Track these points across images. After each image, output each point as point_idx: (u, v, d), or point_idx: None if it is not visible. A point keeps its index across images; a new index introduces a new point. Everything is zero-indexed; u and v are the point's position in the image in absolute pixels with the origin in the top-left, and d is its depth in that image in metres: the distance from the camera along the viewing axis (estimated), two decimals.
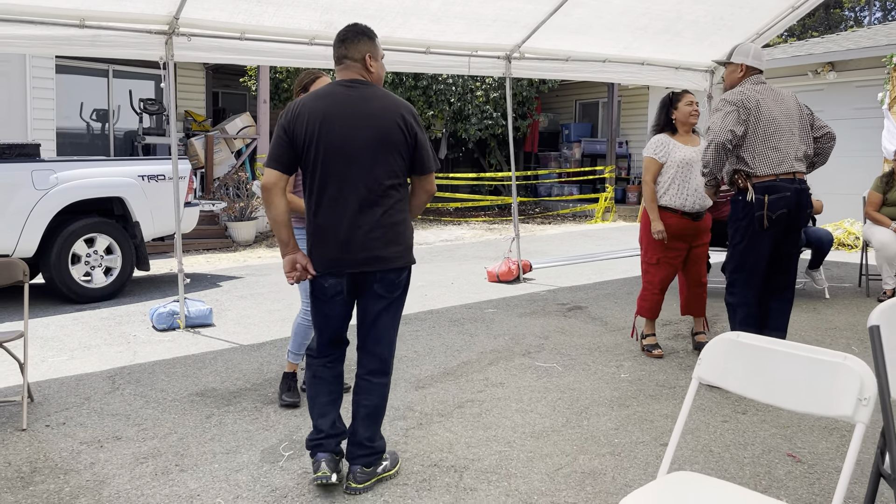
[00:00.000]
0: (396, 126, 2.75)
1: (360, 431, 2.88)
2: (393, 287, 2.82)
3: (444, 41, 6.43)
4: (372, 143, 2.72)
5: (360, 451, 2.87)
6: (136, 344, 5.03)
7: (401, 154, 2.78)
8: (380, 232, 2.75)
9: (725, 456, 3.15)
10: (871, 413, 1.73)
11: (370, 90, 2.79)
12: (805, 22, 31.83)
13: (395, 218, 2.79)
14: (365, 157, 2.71)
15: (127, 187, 6.64)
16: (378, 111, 2.74)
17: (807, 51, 10.78)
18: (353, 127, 2.71)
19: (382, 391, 2.89)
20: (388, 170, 2.75)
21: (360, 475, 2.86)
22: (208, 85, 13.24)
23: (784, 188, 3.95)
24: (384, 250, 2.75)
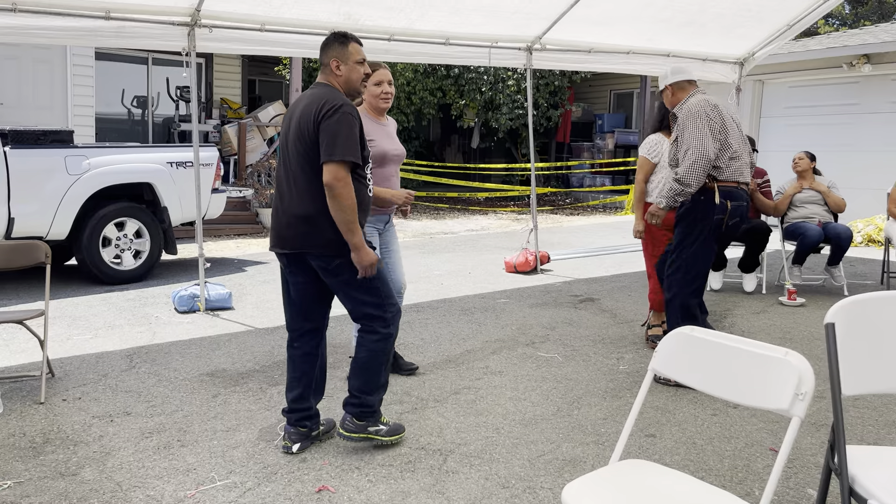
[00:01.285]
0: (308, 118, 2.87)
1: (350, 380, 3.11)
2: (329, 273, 2.97)
3: (463, 32, 6.49)
4: (294, 135, 2.94)
5: (350, 399, 3.10)
6: (157, 325, 5.25)
7: (312, 142, 2.87)
8: (291, 218, 2.95)
9: (707, 448, 3.20)
10: (807, 407, 1.78)
11: (314, 90, 2.98)
12: (858, 11, 30.91)
13: (304, 208, 2.91)
14: (289, 148, 2.97)
15: (156, 173, 6.88)
16: (302, 108, 2.95)
17: (842, 42, 10.54)
18: (290, 121, 3.00)
19: (370, 346, 3.03)
20: (302, 160, 2.91)
21: (348, 423, 3.09)
22: (244, 73, 13.51)
23: (742, 197, 4.06)
24: (303, 238, 2.94)
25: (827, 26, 28.76)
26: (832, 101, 10.53)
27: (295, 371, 3.16)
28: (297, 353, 3.16)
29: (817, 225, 6.22)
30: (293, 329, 3.16)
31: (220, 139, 11.69)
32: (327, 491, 2.81)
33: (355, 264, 2.91)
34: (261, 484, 2.86)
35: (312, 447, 3.19)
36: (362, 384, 3.09)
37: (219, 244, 9.34)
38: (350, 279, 2.97)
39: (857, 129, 10.31)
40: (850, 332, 2.08)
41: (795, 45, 11.24)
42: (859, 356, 2.09)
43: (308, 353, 3.15)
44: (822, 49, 10.48)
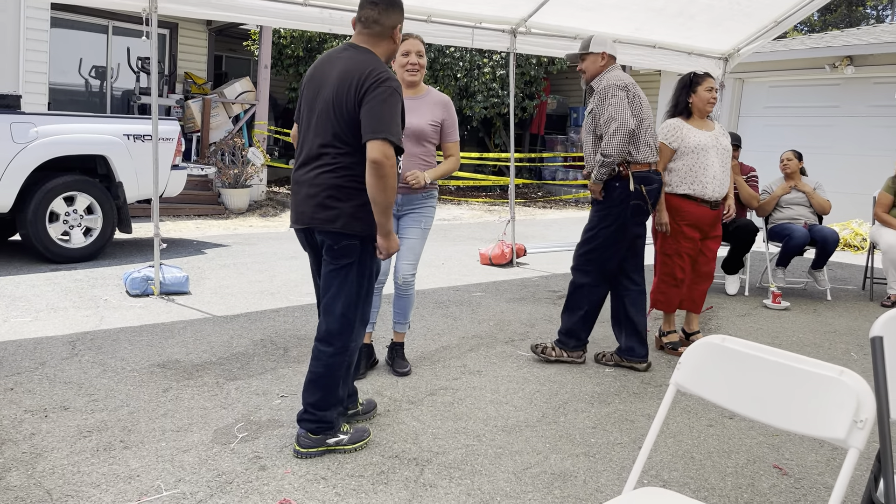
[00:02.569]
0: (347, 85, 2.63)
1: (304, 395, 2.85)
2: (333, 253, 2.74)
3: (446, 10, 6.15)
4: (327, 103, 2.69)
5: (304, 415, 2.84)
6: (106, 309, 4.83)
7: (349, 115, 2.63)
8: (316, 190, 2.71)
9: (707, 464, 2.94)
10: (867, 437, 1.51)
11: (353, 52, 2.72)
12: (826, 18, 31.29)
13: (332, 181, 2.69)
14: (322, 116, 2.71)
15: (111, 146, 6.42)
16: (341, 71, 2.67)
17: (825, 43, 10.44)
18: (321, 87, 2.74)
19: (326, 361, 2.79)
20: (335, 131, 2.67)
21: (303, 439, 2.84)
22: (210, 47, 12.95)
23: (656, 180, 4.00)
24: (316, 211, 2.72)
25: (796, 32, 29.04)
26: (812, 103, 10.43)
27: None
28: None
29: (803, 227, 6.04)
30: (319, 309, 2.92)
31: (182, 114, 11.16)
32: None
33: (380, 247, 2.74)
34: (213, 495, 2.52)
35: (275, 455, 2.85)
36: (318, 400, 2.82)
37: (177, 224, 8.87)
38: (350, 266, 2.74)
39: (836, 132, 10.23)
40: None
41: (777, 45, 11.12)
42: None
43: None
44: (805, 49, 10.37)
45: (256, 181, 10.84)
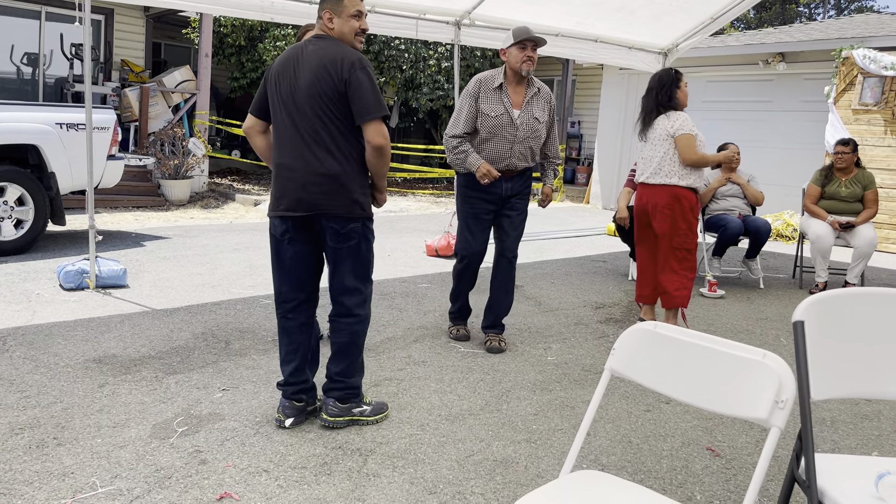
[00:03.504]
0: (326, 73, 2.75)
1: (330, 367, 3.03)
2: (340, 237, 2.86)
3: (390, 1, 6.12)
4: (304, 95, 2.78)
5: (332, 384, 3.02)
6: (38, 303, 4.68)
7: (331, 99, 2.76)
8: (314, 177, 2.81)
9: (644, 448, 3.03)
10: (788, 417, 1.59)
11: (319, 41, 2.83)
12: (762, 16, 32.26)
13: (336, 168, 2.81)
14: (302, 105, 2.79)
15: (43, 135, 6.20)
16: (315, 60, 2.77)
17: (759, 40, 10.77)
18: (296, 77, 2.82)
19: (350, 329, 2.98)
20: (321, 116, 2.78)
21: (332, 408, 3.00)
22: (148, 34, 12.59)
23: None
24: (321, 198, 2.81)
25: (733, 28, 29.86)
26: (746, 97, 10.76)
27: (291, 343, 3.04)
28: (292, 325, 3.03)
29: (738, 217, 6.24)
30: (289, 300, 3.01)
31: (119, 103, 10.84)
32: (230, 498, 2.46)
33: (378, 201, 3.00)
34: (151, 491, 2.48)
35: (216, 449, 2.82)
36: (345, 367, 3.02)
37: (115, 216, 8.63)
38: (357, 246, 2.91)
39: (769, 126, 10.58)
40: (818, 331, 1.91)
41: (714, 41, 11.42)
42: (827, 357, 1.92)
43: (304, 323, 3.04)
44: (740, 46, 10.67)
45: (198, 172, 10.62)
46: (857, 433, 3.31)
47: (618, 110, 12.61)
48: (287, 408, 3.03)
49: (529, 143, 4.04)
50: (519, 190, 4.14)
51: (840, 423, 3.42)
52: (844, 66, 9.16)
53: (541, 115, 4.07)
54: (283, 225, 2.91)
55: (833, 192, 6.22)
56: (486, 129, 3.98)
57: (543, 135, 4.14)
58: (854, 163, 6.23)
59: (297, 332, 3.03)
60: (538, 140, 4.10)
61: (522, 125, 4.01)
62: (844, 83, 9.19)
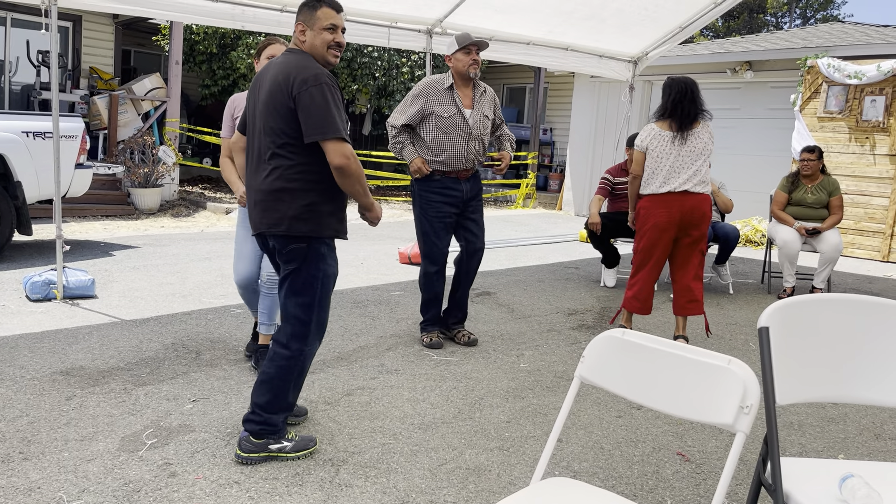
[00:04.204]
0: (278, 88, 2.65)
1: (253, 396, 2.83)
2: (282, 257, 2.74)
3: (361, 9, 6.13)
4: (261, 109, 2.73)
5: (250, 415, 2.81)
6: (4, 314, 4.59)
7: (282, 117, 2.65)
8: (261, 196, 2.74)
9: (616, 453, 3.05)
10: (753, 422, 1.61)
11: (287, 57, 2.73)
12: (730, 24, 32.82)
13: (277, 185, 2.69)
14: (259, 122, 2.75)
15: (8, 143, 6.09)
16: (271, 76, 2.70)
17: (727, 49, 10.95)
18: (259, 93, 2.78)
19: (281, 363, 2.77)
20: (270, 133, 2.69)
21: (244, 443, 2.79)
22: (118, 41, 12.45)
23: None
24: (264, 216, 2.74)
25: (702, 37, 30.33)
26: (715, 105, 10.92)
27: None
28: None
29: None
30: None
31: (88, 111, 10.69)
32: None
33: (369, 220, 2.91)
34: None
35: (186, 461, 2.79)
36: (266, 402, 2.79)
37: (83, 225, 8.50)
38: (299, 270, 2.73)
39: (738, 133, 10.76)
40: (783, 337, 1.95)
41: (683, 49, 11.59)
42: (792, 362, 1.96)
43: None
44: (708, 54, 10.84)
45: (168, 180, 10.50)
46: (823, 436, 3.37)
47: (589, 118, 12.72)
48: None
49: (481, 139, 4.33)
50: (476, 192, 4.41)
51: (807, 426, 3.48)
52: (809, 75, 9.35)
53: (489, 112, 4.37)
54: (258, 242, 2.93)
55: (799, 199, 6.34)
56: (442, 130, 4.17)
57: (489, 131, 4.41)
58: (819, 169, 6.36)
59: None
60: (486, 137, 4.38)
61: (475, 124, 4.25)
62: (810, 91, 9.37)
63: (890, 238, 8.83)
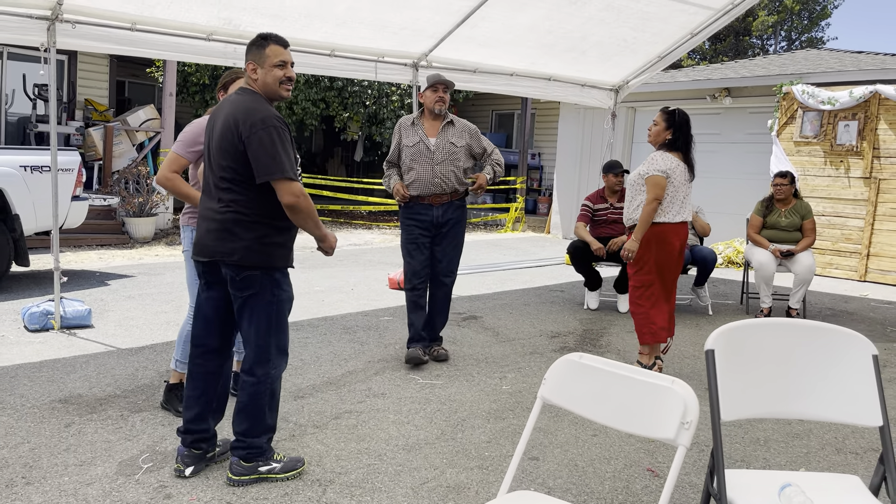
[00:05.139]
0: (229, 130, 2.82)
1: (234, 424, 2.95)
2: (236, 285, 2.86)
3: (349, 45, 6.37)
4: (215, 146, 2.88)
5: (235, 443, 2.95)
6: (3, 345, 4.74)
7: (233, 157, 2.81)
8: (214, 225, 2.86)
9: (589, 470, 3.22)
10: (693, 436, 1.79)
11: (238, 97, 2.88)
12: (717, 47, 33.38)
13: (228, 216, 2.84)
14: (214, 157, 2.89)
15: (6, 177, 6.28)
16: (223, 116, 2.86)
17: (706, 76, 11.27)
18: (212, 130, 2.92)
19: (250, 390, 2.91)
20: (219, 168, 2.85)
21: (236, 467, 2.94)
22: (112, 74, 12.70)
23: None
24: (217, 245, 2.85)
25: (690, 60, 30.86)
26: (696, 130, 11.10)
27: (195, 389, 2.99)
28: (199, 371, 2.99)
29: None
30: (199, 345, 2.99)
31: (83, 142, 10.90)
32: None
33: (324, 251, 3.02)
34: None
35: (180, 483, 2.94)
36: (247, 429, 2.94)
37: (79, 255, 8.66)
38: (256, 296, 2.87)
39: (718, 157, 11.03)
40: (728, 358, 2.14)
41: (665, 77, 11.90)
42: (737, 381, 2.15)
43: (211, 372, 3.00)
44: (688, 81, 11.15)
45: (162, 209, 10.69)
46: (787, 451, 3.54)
47: (575, 143, 13.00)
48: (186, 456, 2.98)
49: (449, 165, 4.63)
50: (449, 217, 4.70)
51: (773, 441, 3.65)
52: (785, 101, 9.64)
53: (457, 140, 4.68)
54: (199, 268, 2.96)
55: (774, 222, 6.56)
56: (409, 157, 4.65)
57: (464, 159, 4.69)
58: (792, 194, 6.59)
59: (202, 379, 2.99)
60: (457, 162, 4.66)
61: (438, 149, 4.63)
62: (786, 117, 9.66)
63: (866, 258, 9.07)
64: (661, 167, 4.47)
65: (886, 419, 2.12)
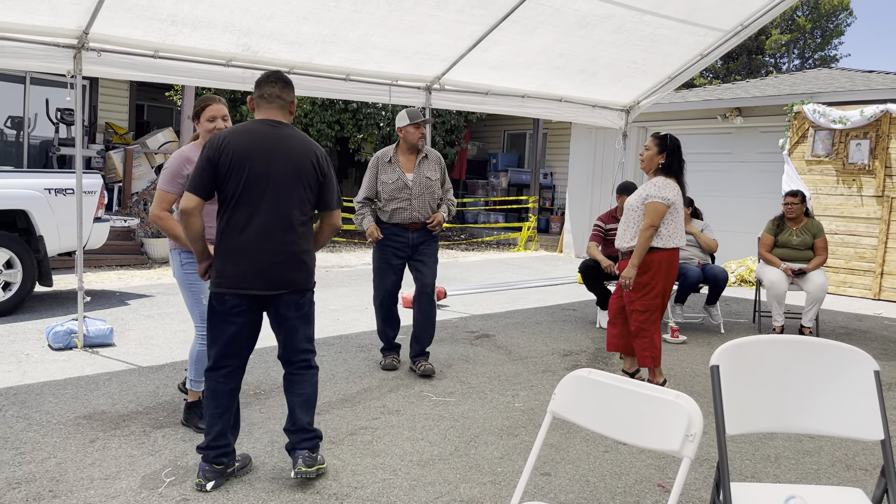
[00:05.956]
0: (310, 163, 3.07)
1: (301, 418, 3.16)
2: (297, 307, 3.13)
3: (364, 70, 6.52)
4: (287, 177, 3.03)
5: (305, 435, 3.17)
6: (28, 363, 4.87)
7: (311, 189, 3.10)
8: (286, 257, 3.05)
9: (600, 486, 3.28)
10: (697, 448, 1.87)
11: (290, 130, 3.11)
12: (729, 66, 33.47)
13: (302, 246, 3.10)
14: (280, 189, 3.01)
15: (32, 200, 6.46)
16: (295, 149, 3.06)
17: (717, 96, 11.35)
18: (272, 162, 3.01)
19: (312, 379, 3.22)
20: (299, 202, 3.07)
21: (308, 459, 3.12)
22: (132, 98, 12.98)
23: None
24: (292, 275, 3.08)
25: (701, 78, 30.95)
26: (708, 150, 11.27)
27: (219, 407, 3.13)
28: (224, 389, 3.14)
29: (697, 266, 6.59)
30: (225, 366, 3.13)
31: (103, 165, 11.13)
32: None
33: None
34: None
35: (201, 497, 3.03)
36: (312, 417, 3.21)
37: (99, 275, 8.83)
38: (310, 312, 3.19)
39: (730, 176, 11.08)
40: (733, 374, 2.21)
41: (676, 97, 12.00)
42: (742, 396, 2.21)
43: (234, 388, 3.17)
44: (699, 101, 11.24)
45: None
46: (798, 468, 3.58)
47: (587, 162, 13.10)
48: (208, 472, 3.08)
49: (426, 197, 4.91)
50: (424, 239, 4.99)
51: (783, 458, 3.69)
52: (796, 120, 9.70)
53: (432, 174, 4.95)
54: (236, 300, 3.01)
55: (785, 241, 6.61)
56: (387, 194, 4.88)
57: (438, 189, 5.00)
58: (803, 213, 6.64)
59: (227, 397, 3.11)
60: (433, 194, 4.96)
61: (416, 185, 4.88)
62: (797, 136, 9.71)
63: (880, 276, 9.07)
64: (667, 195, 4.45)
65: (888, 433, 2.18)
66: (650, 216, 4.45)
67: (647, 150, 4.62)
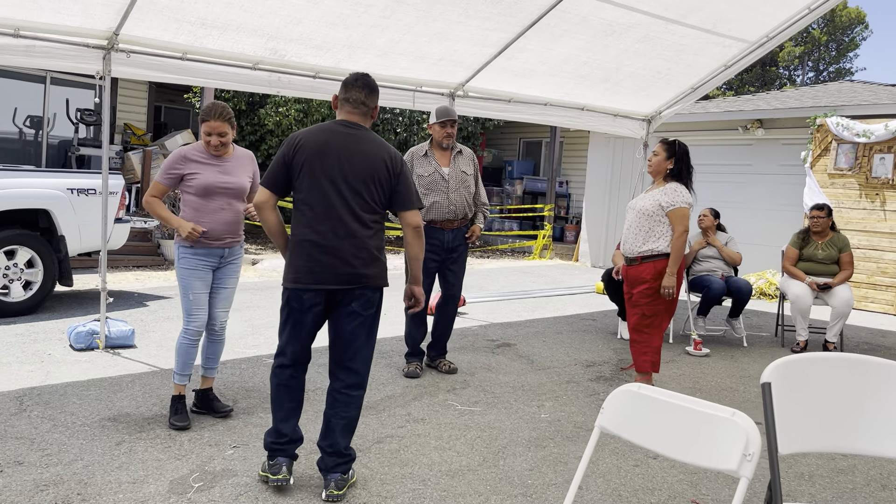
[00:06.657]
0: (383, 164, 3.10)
1: (339, 441, 3.12)
2: (368, 304, 3.12)
3: (389, 75, 6.50)
4: (358, 176, 3.06)
5: (340, 459, 3.12)
6: (51, 363, 4.86)
7: (384, 189, 3.12)
8: (359, 252, 3.07)
9: (633, 500, 3.23)
10: (755, 468, 1.81)
11: (366, 133, 3.16)
12: (743, 77, 33.40)
13: (374, 243, 3.13)
14: (354, 187, 3.06)
15: (54, 200, 6.46)
16: (367, 149, 3.09)
17: (738, 107, 11.28)
18: (343, 161, 3.06)
19: (358, 402, 3.17)
20: (370, 200, 3.09)
21: (340, 482, 3.10)
22: (151, 99, 13.03)
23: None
24: (365, 269, 3.08)
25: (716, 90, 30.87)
26: (728, 161, 11.20)
27: (292, 401, 3.18)
28: (296, 383, 3.19)
29: (720, 278, 6.53)
30: (299, 361, 3.17)
31: (122, 166, 11.16)
32: None
33: (418, 297, 3.32)
34: None
35: (230, 503, 3.00)
36: (349, 442, 3.16)
37: (116, 276, 8.83)
38: (376, 313, 3.16)
39: (750, 189, 11.00)
40: (783, 392, 2.15)
41: (696, 107, 11.94)
42: (794, 415, 2.16)
43: (303, 381, 3.23)
44: (720, 112, 11.17)
45: None
46: (832, 486, 3.52)
47: (604, 171, 13.05)
48: (289, 465, 3.13)
49: (462, 192, 4.98)
50: (459, 242, 5.04)
51: (817, 477, 3.63)
52: (819, 133, 9.62)
53: (467, 168, 5.04)
54: (317, 297, 3.05)
55: (810, 255, 6.54)
56: (424, 187, 4.92)
57: (472, 185, 5.06)
58: (829, 226, 6.57)
59: (298, 390, 3.19)
60: (468, 189, 5.02)
61: (452, 178, 4.95)
62: (820, 149, 9.63)
63: None
64: (687, 199, 4.53)
65: None
66: (681, 222, 4.48)
67: (655, 155, 4.65)
